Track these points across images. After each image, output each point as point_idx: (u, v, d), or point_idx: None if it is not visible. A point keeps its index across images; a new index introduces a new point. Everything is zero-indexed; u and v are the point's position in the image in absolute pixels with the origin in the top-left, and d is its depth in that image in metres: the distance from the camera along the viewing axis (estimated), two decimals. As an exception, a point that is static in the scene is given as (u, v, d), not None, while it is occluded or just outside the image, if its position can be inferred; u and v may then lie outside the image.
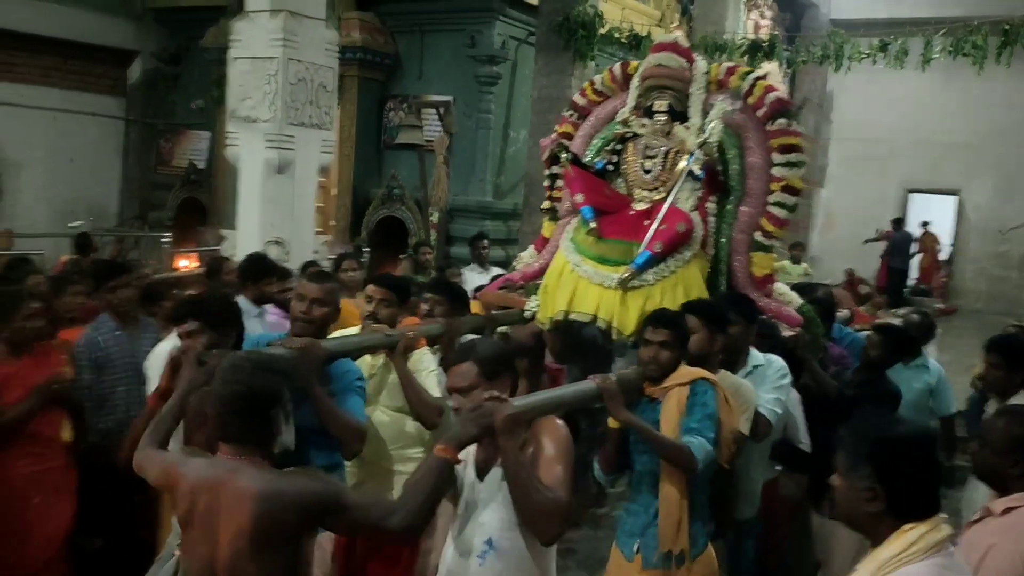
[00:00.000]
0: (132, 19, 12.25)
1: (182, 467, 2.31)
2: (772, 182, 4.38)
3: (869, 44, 8.45)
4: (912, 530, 1.93)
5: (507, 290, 4.82)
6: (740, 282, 4.39)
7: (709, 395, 3.12)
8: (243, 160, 6.21)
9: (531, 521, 2.44)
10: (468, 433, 2.42)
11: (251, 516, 2.11)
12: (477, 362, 2.57)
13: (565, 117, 5.03)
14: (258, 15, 6.11)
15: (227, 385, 2.24)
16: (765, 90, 4.42)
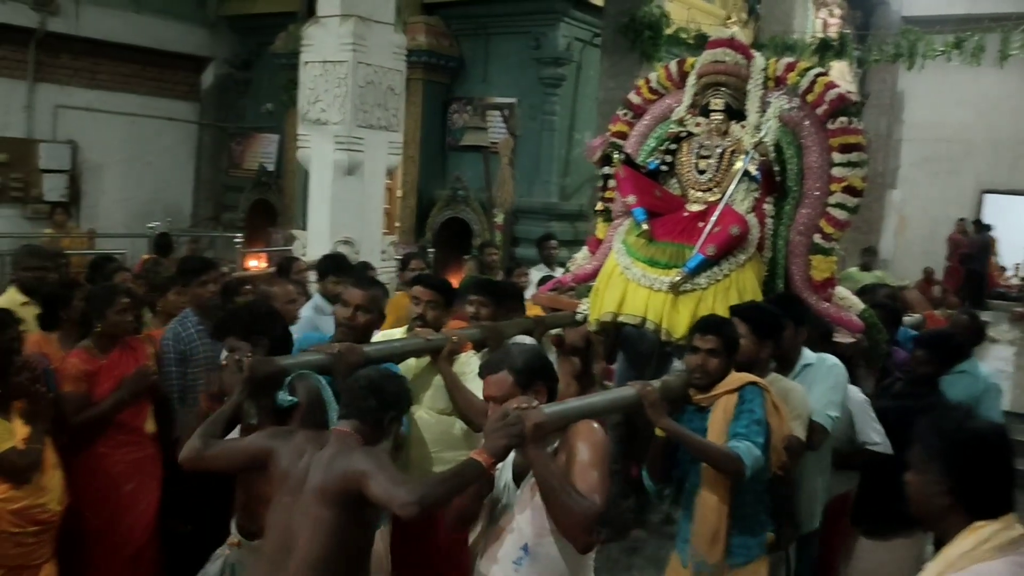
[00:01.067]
0: (206, 27, 12.61)
1: (280, 439, 2.58)
2: (832, 182, 4.24)
3: (944, 41, 8.25)
4: (984, 528, 1.91)
5: (558, 292, 4.78)
6: (798, 286, 4.24)
7: (757, 401, 3.02)
8: (313, 162, 6.35)
9: (564, 528, 2.42)
10: (501, 444, 2.41)
11: (321, 475, 2.43)
12: (511, 371, 2.58)
13: (619, 116, 4.92)
14: (329, 20, 6.24)
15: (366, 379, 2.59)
16: (825, 87, 4.28)
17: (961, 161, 15.61)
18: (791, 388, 3.37)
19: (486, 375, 2.63)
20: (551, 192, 10.05)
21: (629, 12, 8.58)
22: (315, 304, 4.84)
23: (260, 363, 2.82)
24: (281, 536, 2.47)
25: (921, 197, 15.81)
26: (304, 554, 2.41)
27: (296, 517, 2.44)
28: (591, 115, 9.78)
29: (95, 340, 3.82)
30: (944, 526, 2.00)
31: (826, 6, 13.88)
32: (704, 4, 11.66)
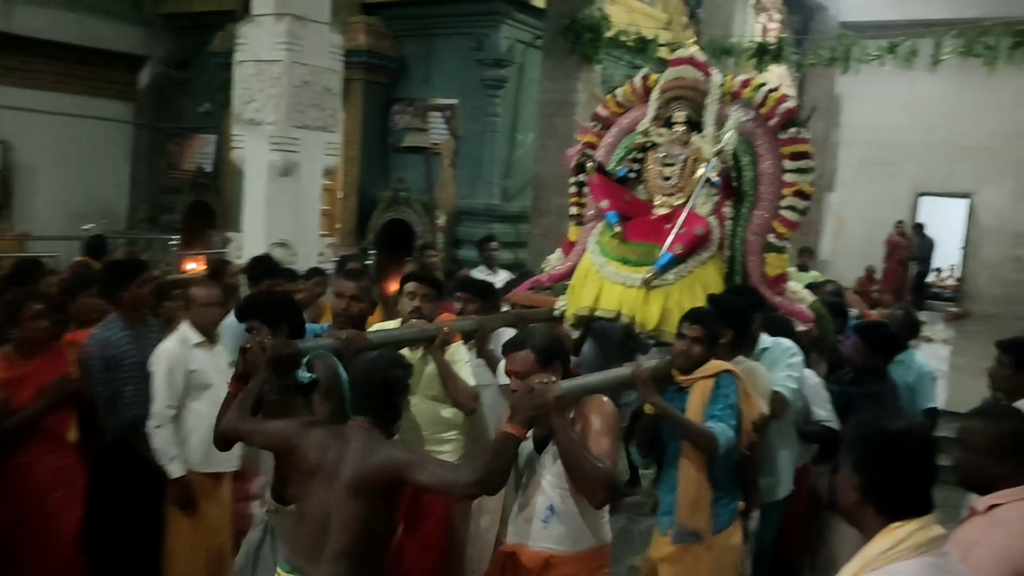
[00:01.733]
0: (142, 25, 12.35)
1: (303, 433, 2.81)
2: (784, 187, 4.62)
3: (877, 46, 8.40)
4: (902, 528, 1.91)
5: (535, 291, 5.11)
6: (754, 281, 4.64)
7: (731, 388, 3.38)
8: (248, 163, 6.24)
9: (583, 488, 2.81)
10: (527, 414, 2.74)
11: (357, 473, 2.66)
12: (533, 349, 2.94)
13: (589, 128, 5.32)
14: (263, 19, 6.13)
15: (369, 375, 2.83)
16: (777, 101, 4.68)
17: (897, 164, 15.94)
18: (753, 367, 3.74)
19: (510, 352, 2.99)
20: (493, 194, 10.03)
21: (570, 15, 8.60)
22: (243, 307, 4.74)
23: (280, 345, 3.13)
24: (315, 525, 2.71)
25: (859, 199, 16.11)
26: (338, 542, 2.66)
27: (329, 507, 2.68)
28: (533, 117, 9.79)
29: (15, 346, 3.72)
30: (861, 524, 2.00)
31: (765, 11, 14.07)
32: (645, 7, 11.74)
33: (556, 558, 2.91)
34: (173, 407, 4.10)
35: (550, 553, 2.91)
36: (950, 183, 16.04)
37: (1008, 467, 2.39)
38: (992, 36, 7.61)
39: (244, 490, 4.37)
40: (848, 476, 1.97)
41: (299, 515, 2.83)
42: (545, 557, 2.91)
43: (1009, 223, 15.70)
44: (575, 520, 2.91)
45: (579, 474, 2.79)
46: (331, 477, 2.70)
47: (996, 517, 2.35)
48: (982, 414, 2.63)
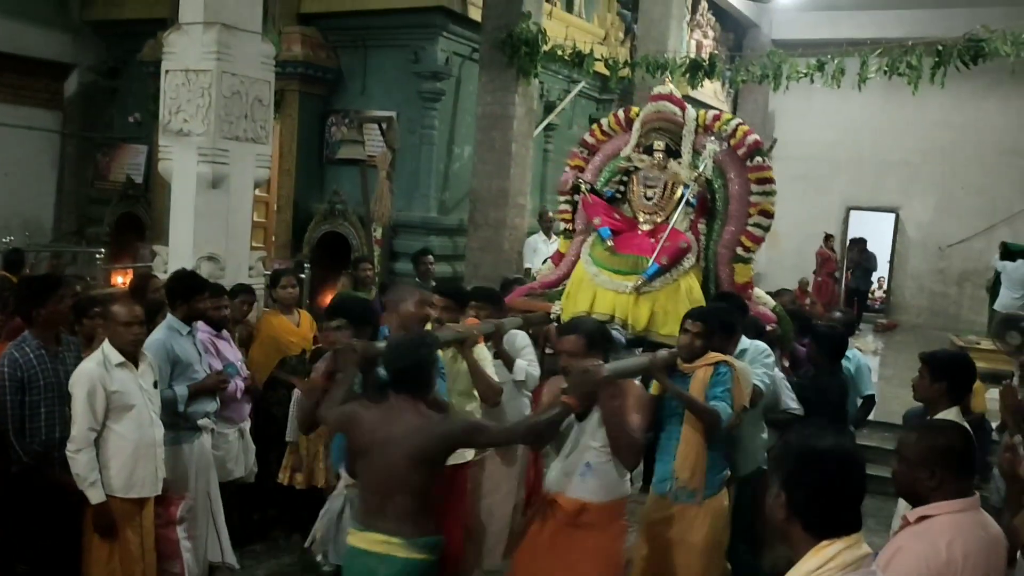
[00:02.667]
0: (69, 32, 12.01)
1: (361, 413, 3.34)
2: (750, 207, 5.44)
3: (807, 63, 8.56)
4: (829, 546, 1.92)
5: (530, 297, 5.87)
6: (725, 287, 5.48)
7: (728, 375, 4.08)
8: (176, 174, 6.06)
9: (620, 452, 3.53)
10: (584, 390, 3.41)
11: (416, 445, 3.17)
12: (582, 335, 3.65)
13: (577, 152, 6.18)
14: (192, 28, 5.97)
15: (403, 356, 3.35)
16: (745, 134, 5.49)
17: (827, 179, 16.32)
18: (745, 368, 4.37)
19: (564, 335, 3.73)
20: (430, 206, 9.96)
21: (506, 28, 8.61)
22: (168, 325, 4.60)
23: (368, 347, 3.69)
24: (379, 488, 3.22)
25: (792, 213, 16.35)
26: (401, 501, 3.18)
27: (390, 473, 3.17)
28: (470, 130, 9.76)
29: None
30: (790, 542, 2.00)
31: (700, 28, 14.31)
32: (581, 22, 11.83)
33: (589, 505, 3.62)
34: (94, 430, 3.96)
35: (585, 501, 3.62)
36: (878, 197, 16.49)
37: (938, 480, 2.43)
38: (915, 56, 7.81)
39: (167, 515, 4.24)
40: (776, 494, 1.97)
41: (363, 479, 3.34)
42: (581, 504, 3.62)
43: (933, 236, 16.20)
44: (607, 476, 3.62)
45: (620, 440, 3.49)
46: (390, 447, 3.18)
47: (924, 527, 2.39)
48: (918, 428, 2.67)
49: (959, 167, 15.84)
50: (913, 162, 16.10)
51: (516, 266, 9.04)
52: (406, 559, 3.18)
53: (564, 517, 3.65)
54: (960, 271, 15.86)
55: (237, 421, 5.14)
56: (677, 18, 12.23)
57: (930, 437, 2.51)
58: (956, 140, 15.72)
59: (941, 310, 15.88)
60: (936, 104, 13.72)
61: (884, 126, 15.98)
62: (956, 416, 3.71)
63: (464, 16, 9.71)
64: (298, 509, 5.65)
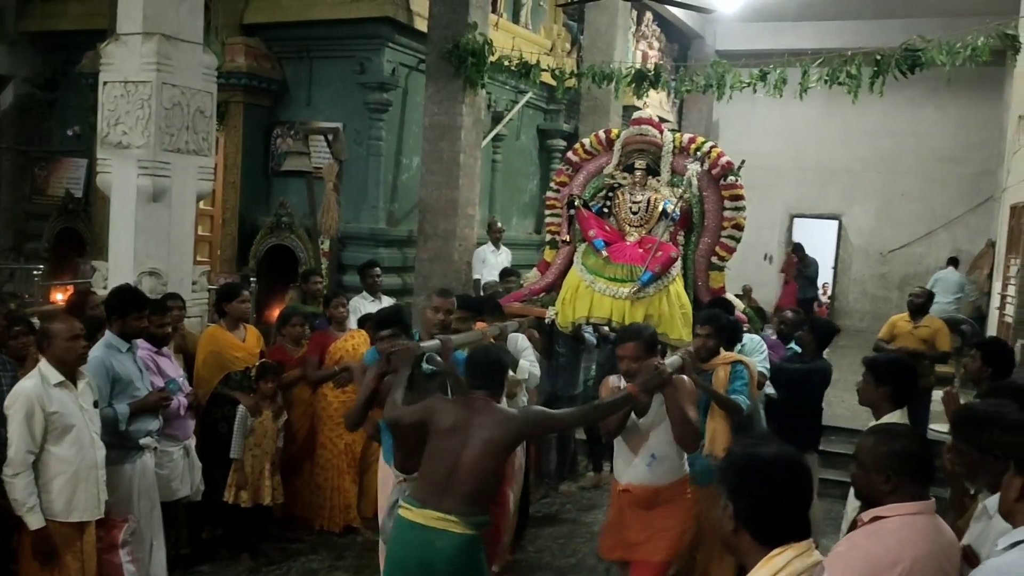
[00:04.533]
0: (4, 43, 11.67)
1: (442, 402, 3.82)
2: (724, 221, 6.20)
3: (750, 74, 8.67)
4: (779, 556, 1.91)
5: (523, 302, 6.47)
6: (701, 292, 6.19)
7: (745, 373, 4.72)
8: (115, 188, 5.93)
9: (683, 439, 3.98)
10: (652, 384, 3.83)
11: (494, 433, 3.60)
12: (640, 341, 4.07)
13: (562, 170, 6.92)
14: (130, 38, 5.86)
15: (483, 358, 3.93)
16: (718, 155, 6.26)
17: (771, 187, 16.56)
18: (751, 364, 4.92)
19: (623, 343, 4.10)
20: (378, 218, 9.88)
21: (453, 39, 8.58)
22: (107, 342, 4.48)
23: (416, 347, 4.21)
24: (444, 470, 3.57)
25: (736, 220, 16.67)
26: (466, 484, 3.54)
27: (459, 458, 3.55)
28: (418, 140, 9.70)
29: None
30: (739, 553, 2.00)
31: (645, 39, 14.45)
32: (528, 33, 11.86)
33: (661, 489, 4.10)
34: (32, 452, 3.83)
35: (656, 487, 4.10)
36: (821, 205, 16.79)
37: (892, 484, 2.45)
38: (855, 66, 7.95)
39: (110, 538, 4.11)
40: (724, 505, 1.96)
41: (429, 462, 3.64)
42: (653, 490, 4.10)
43: (874, 242, 16.55)
44: (670, 461, 4.11)
45: (683, 428, 3.92)
46: (465, 435, 3.58)
47: (875, 527, 2.41)
48: (874, 432, 2.69)
49: (899, 174, 16.21)
50: (854, 170, 16.43)
51: (465, 277, 9.00)
52: (461, 534, 3.51)
53: (641, 503, 4.12)
54: (901, 275, 16.21)
55: (181, 439, 5.02)
56: (623, 29, 12.35)
57: (886, 442, 2.53)
58: (895, 148, 16.09)
59: (883, 314, 16.04)
60: (875, 113, 14.02)
61: (825, 135, 16.29)
62: (901, 419, 3.77)
63: (410, 27, 9.66)
64: (244, 527, 5.55)
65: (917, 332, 7.59)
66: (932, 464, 2.55)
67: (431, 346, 4.37)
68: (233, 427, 5.45)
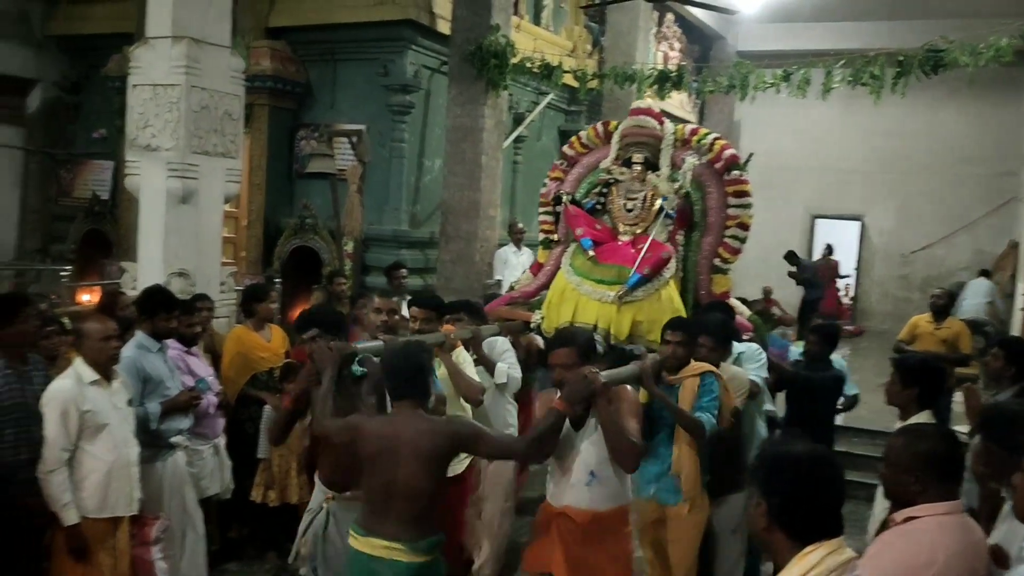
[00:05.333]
0: (31, 47, 11.83)
1: (366, 423, 3.48)
2: (728, 219, 5.57)
3: (773, 74, 8.68)
4: (812, 553, 1.93)
5: (511, 306, 5.93)
6: (703, 297, 5.58)
7: (715, 385, 4.20)
8: (144, 190, 6.00)
9: (619, 456, 3.60)
10: (580, 396, 3.49)
11: (424, 446, 3.30)
12: (576, 347, 3.71)
13: (556, 165, 6.27)
14: (159, 42, 5.93)
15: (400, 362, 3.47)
16: (722, 148, 5.60)
17: (792, 188, 16.48)
18: (736, 372, 4.63)
19: (556, 348, 3.77)
20: (401, 220, 9.94)
21: (475, 41, 8.64)
22: (139, 342, 4.54)
23: (343, 346, 3.85)
24: (382, 494, 3.32)
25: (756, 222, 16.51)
26: (404, 505, 3.30)
27: (395, 479, 3.28)
28: (440, 142, 9.77)
29: None
30: (771, 550, 2.02)
31: (666, 40, 14.44)
32: (549, 35, 11.90)
33: (600, 514, 3.68)
34: (67, 450, 3.90)
35: (595, 510, 3.67)
36: (842, 205, 16.69)
37: (922, 484, 2.45)
38: (878, 66, 7.94)
39: (143, 535, 4.17)
40: (756, 503, 1.98)
41: (367, 488, 3.40)
42: (591, 513, 3.67)
43: (895, 243, 16.44)
44: (611, 483, 3.69)
45: (618, 445, 3.56)
46: (399, 453, 3.29)
47: (908, 527, 2.42)
48: (904, 433, 2.70)
49: (919, 175, 16.10)
50: (875, 170, 16.34)
51: (487, 278, 9.05)
52: (409, 563, 3.29)
53: (575, 529, 3.68)
54: (923, 277, 16.09)
55: (211, 437, 5.08)
56: (644, 30, 12.35)
57: (915, 442, 2.53)
58: (916, 148, 15.98)
59: (905, 315, 15.91)
60: (896, 113, 13.93)
61: (846, 135, 16.20)
62: (928, 420, 3.77)
63: (433, 29, 9.72)
64: (271, 527, 5.60)
65: (938, 333, 7.54)
66: (962, 464, 2.56)
67: (369, 348, 4.05)
68: (259, 427, 5.50)
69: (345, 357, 3.83)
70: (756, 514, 2.00)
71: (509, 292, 6.30)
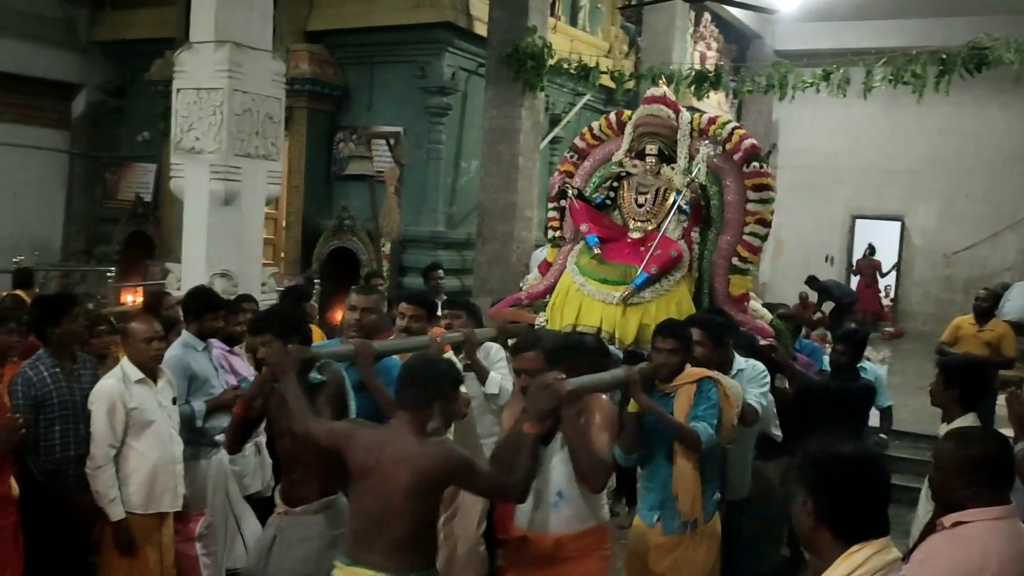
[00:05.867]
0: (76, 52, 12.09)
1: (359, 432, 3.05)
2: (747, 215, 5.10)
3: (812, 74, 8.61)
4: (858, 552, 1.92)
5: (515, 308, 5.53)
6: (720, 299, 5.11)
7: (713, 391, 3.69)
8: (188, 192, 6.12)
9: (585, 474, 3.16)
10: (543, 408, 2.99)
11: (411, 470, 2.87)
12: (543, 350, 3.30)
13: (567, 158, 5.83)
14: (202, 46, 6.04)
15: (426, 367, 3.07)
16: (741, 138, 5.12)
17: (832, 188, 16.32)
18: (731, 384, 3.97)
19: (520, 352, 3.36)
20: (438, 221, 10.01)
21: (512, 43, 8.67)
22: (184, 341, 4.62)
23: (300, 350, 3.44)
24: (371, 519, 2.94)
25: (796, 223, 16.42)
26: (394, 533, 2.90)
27: (384, 503, 2.89)
28: (477, 144, 9.81)
29: None
30: (817, 550, 2.01)
31: (704, 40, 14.37)
32: (586, 36, 11.89)
33: (565, 537, 3.26)
34: (114, 447, 3.98)
35: (560, 535, 3.25)
36: (883, 205, 16.49)
37: (972, 489, 2.42)
38: (920, 65, 7.85)
39: (187, 531, 4.25)
40: (803, 502, 1.98)
41: (354, 510, 3.08)
42: (556, 538, 3.25)
43: (938, 243, 16.20)
44: (579, 502, 3.27)
45: (582, 461, 3.13)
46: (382, 472, 2.91)
47: (958, 532, 2.39)
48: (953, 437, 2.67)
49: (963, 174, 15.85)
50: (917, 170, 16.12)
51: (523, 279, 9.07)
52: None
53: (541, 557, 3.27)
54: (966, 278, 15.83)
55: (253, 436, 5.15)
56: (681, 30, 12.31)
57: (965, 446, 2.51)
58: (959, 147, 15.74)
59: (947, 317, 15.69)
60: (939, 112, 13.71)
61: (887, 134, 16.01)
62: (973, 422, 3.72)
63: (470, 31, 9.77)
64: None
65: (982, 336, 7.42)
66: (1012, 468, 2.52)
67: (332, 352, 3.67)
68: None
69: (304, 363, 3.44)
70: (802, 513, 1.99)
71: (517, 293, 5.88)
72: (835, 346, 5.24)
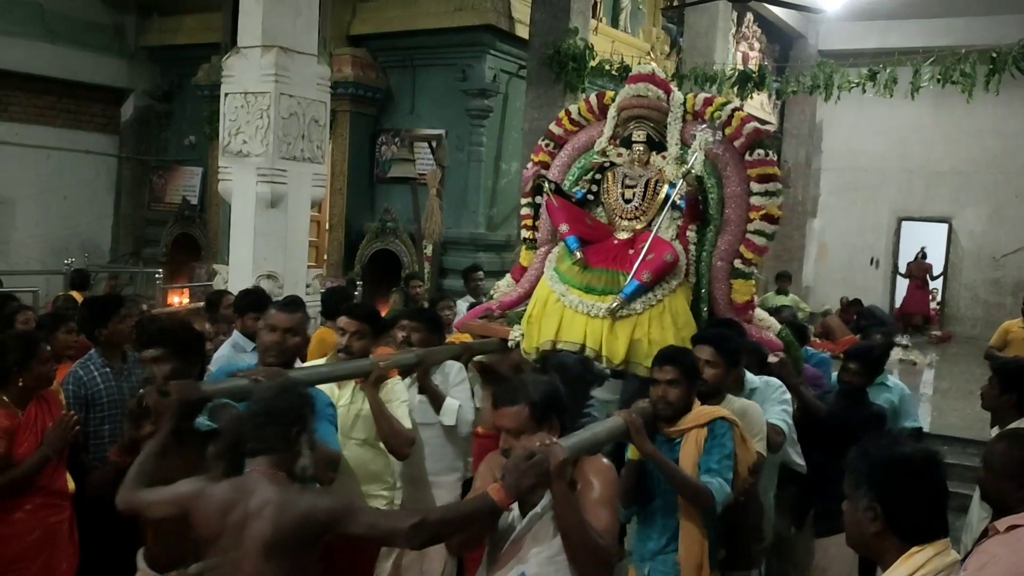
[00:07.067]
0: (125, 58, 12.33)
1: (202, 494, 2.47)
2: (751, 211, 4.34)
3: (858, 74, 8.51)
4: (919, 553, 1.91)
5: (486, 319, 4.71)
6: (721, 308, 4.36)
7: (728, 435, 3.13)
8: (235, 194, 6.21)
9: (582, 564, 2.44)
10: (527, 483, 2.37)
11: (268, 526, 2.35)
12: (529, 404, 2.55)
13: (541, 146, 4.94)
14: (250, 51, 6.13)
15: (255, 404, 2.53)
16: (742, 121, 4.35)
17: (877, 189, 16.10)
18: (748, 406, 3.53)
19: (501, 406, 2.59)
20: (479, 223, 10.04)
21: (553, 44, 8.67)
22: (234, 342, 4.69)
23: (187, 388, 2.76)
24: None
25: (840, 225, 16.24)
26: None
27: (240, 568, 2.39)
28: (517, 146, 9.82)
29: (12, 392, 3.52)
30: (878, 553, 2.00)
31: (746, 40, 14.26)
32: (627, 37, 11.86)
33: None
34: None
35: None
36: (929, 208, 16.22)
37: None
38: (969, 64, 7.72)
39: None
40: (865, 508, 1.95)
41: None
42: None
43: (986, 246, 15.89)
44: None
45: (581, 553, 2.43)
46: (241, 537, 2.39)
47: (1014, 536, 2.35)
48: (1005, 438, 2.64)
49: (1012, 175, 15.54)
50: (965, 171, 15.83)
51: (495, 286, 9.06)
52: None
53: None
54: (1016, 281, 15.52)
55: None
56: (723, 30, 12.23)
57: (1018, 447, 2.48)
58: (1009, 148, 15.43)
59: (996, 321, 15.43)
60: (987, 112, 13.49)
61: (934, 135, 15.76)
62: (1026, 427, 3.65)
63: (511, 33, 9.80)
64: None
65: (1031, 339, 7.30)
66: None
67: (230, 388, 2.91)
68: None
69: (192, 403, 2.77)
70: (866, 519, 1.96)
71: (487, 303, 5.04)
72: (846, 363, 4.55)
